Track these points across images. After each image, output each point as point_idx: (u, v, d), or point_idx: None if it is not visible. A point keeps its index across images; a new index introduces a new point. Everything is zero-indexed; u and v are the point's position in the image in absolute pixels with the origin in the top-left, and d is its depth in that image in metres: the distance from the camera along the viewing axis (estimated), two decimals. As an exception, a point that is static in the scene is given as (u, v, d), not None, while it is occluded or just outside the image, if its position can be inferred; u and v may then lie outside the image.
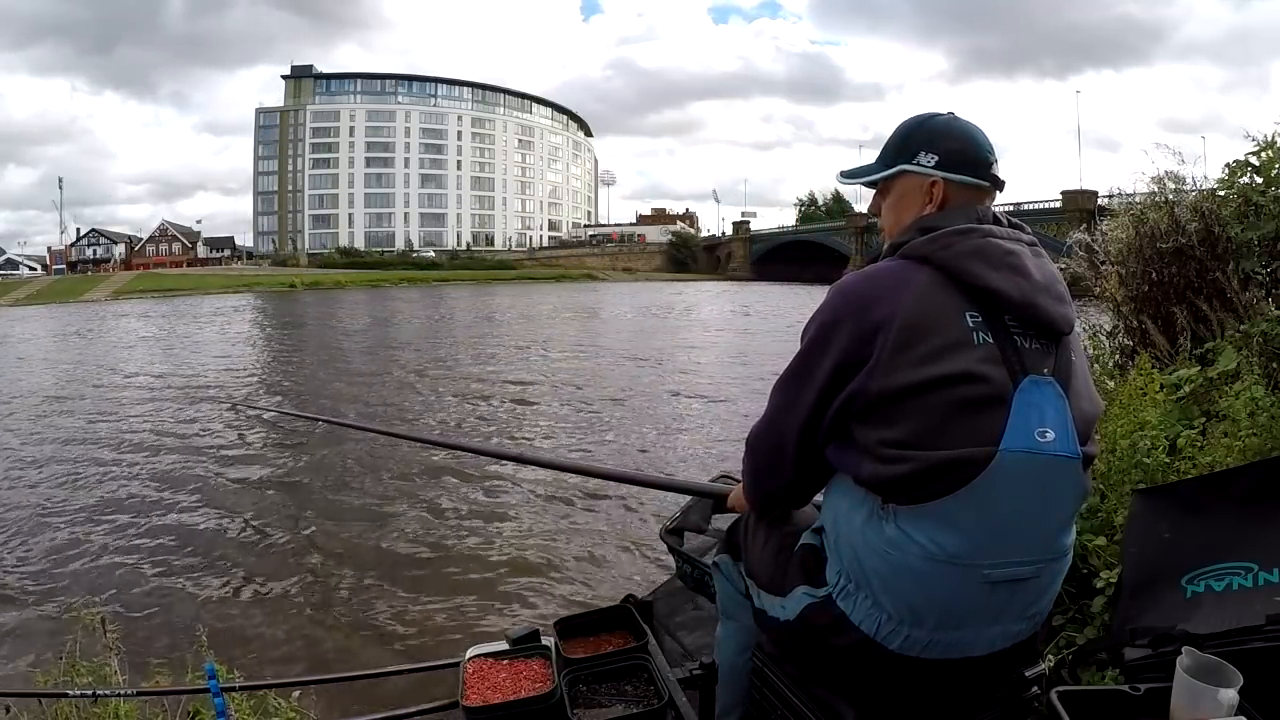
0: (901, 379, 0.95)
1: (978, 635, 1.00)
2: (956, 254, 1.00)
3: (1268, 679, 1.01)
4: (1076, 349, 1.05)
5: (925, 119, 1.13)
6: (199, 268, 72.79)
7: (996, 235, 1.03)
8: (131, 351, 19.55)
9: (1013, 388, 0.95)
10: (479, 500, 6.34)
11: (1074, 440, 0.98)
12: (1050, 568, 1.02)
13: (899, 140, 1.13)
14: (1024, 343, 0.98)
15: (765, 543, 1.22)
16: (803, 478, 1.12)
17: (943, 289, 0.99)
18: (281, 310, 35.85)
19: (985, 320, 0.98)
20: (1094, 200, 41.53)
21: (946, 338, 0.95)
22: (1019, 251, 1.02)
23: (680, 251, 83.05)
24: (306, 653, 3.92)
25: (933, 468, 0.93)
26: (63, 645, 2.59)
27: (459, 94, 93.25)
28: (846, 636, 1.03)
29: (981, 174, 1.08)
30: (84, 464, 7.81)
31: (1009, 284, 0.98)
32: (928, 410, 0.94)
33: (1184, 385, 2.12)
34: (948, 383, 0.94)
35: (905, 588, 0.97)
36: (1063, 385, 0.99)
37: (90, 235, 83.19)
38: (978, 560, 0.95)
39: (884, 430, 0.96)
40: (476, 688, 1.37)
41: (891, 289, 0.99)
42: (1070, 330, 1.02)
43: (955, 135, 1.09)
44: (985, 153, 1.09)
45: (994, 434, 0.94)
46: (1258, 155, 2.35)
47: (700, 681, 1.39)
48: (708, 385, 12.14)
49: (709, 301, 36.01)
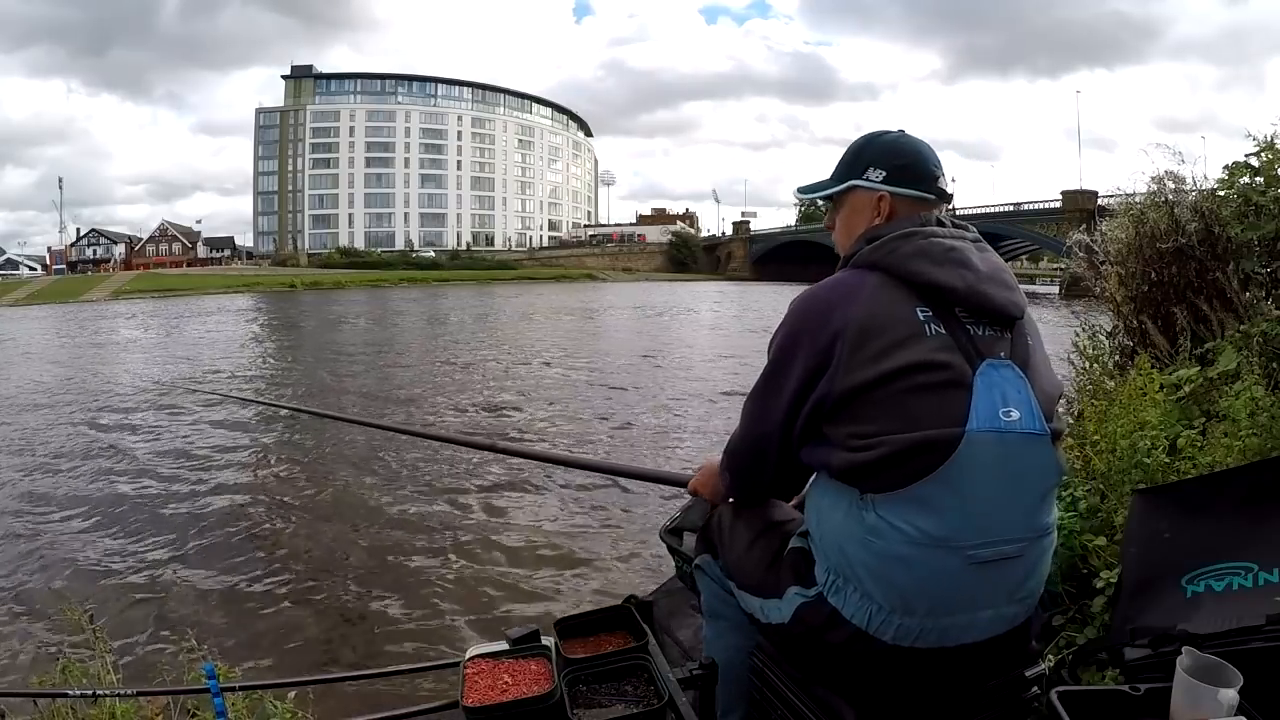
0: (862, 376, 1.00)
1: (971, 620, 1.01)
2: (901, 256, 1.05)
3: (1268, 679, 1.01)
4: (1032, 333, 1.09)
5: (874, 137, 1.20)
6: (199, 268, 72.80)
7: (938, 235, 1.08)
8: (129, 351, 19.55)
9: (972, 372, 1.00)
10: (478, 500, 6.34)
11: (1039, 418, 1.02)
12: (1035, 546, 1.04)
13: (850, 158, 1.19)
14: (977, 330, 1.03)
15: (750, 546, 1.25)
16: (783, 479, 1.19)
17: (892, 290, 1.04)
18: (282, 310, 35.85)
19: (936, 314, 1.03)
20: (1094, 200, 41.56)
21: (899, 333, 1.01)
22: (962, 247, 1.08)
23: (680, 252, 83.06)
24: (306, 653, 3.91)
25: (903, 451, 0.97)
26: (60, 645, 2.59)
27: (459, 94, 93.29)
28: (840, 632, 1.04)
29: (927, 187, 1.14)
30: (82, 464, 7.81)
31: (954, 277, 1.04)
32: (891, 400, 0.99)
33: (1184, 385, 2.12)
34: (906, 372, 0.99)
35: (892, 575, 0.99)
36: (1021, 367, 1.03)
37: (90, 235, 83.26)
38: (960, 541, 0.98)
39: (853, 425, 1.01)
40: (476, 688, 1.37)
41: (844, 297, 1.05)
42: (1021, 315, 1.07)
43: (902, 152, 1.16)
44: (931, 167, 1.15)
45: (959, 416, 0.98)
46: (1257, 156, 2.35)
47: (700, 681, 1.39)
48: (705, 384, 12.14)
49: (708, 302, 36.06)
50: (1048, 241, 47.82)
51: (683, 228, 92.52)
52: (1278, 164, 2.31)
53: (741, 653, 1.33)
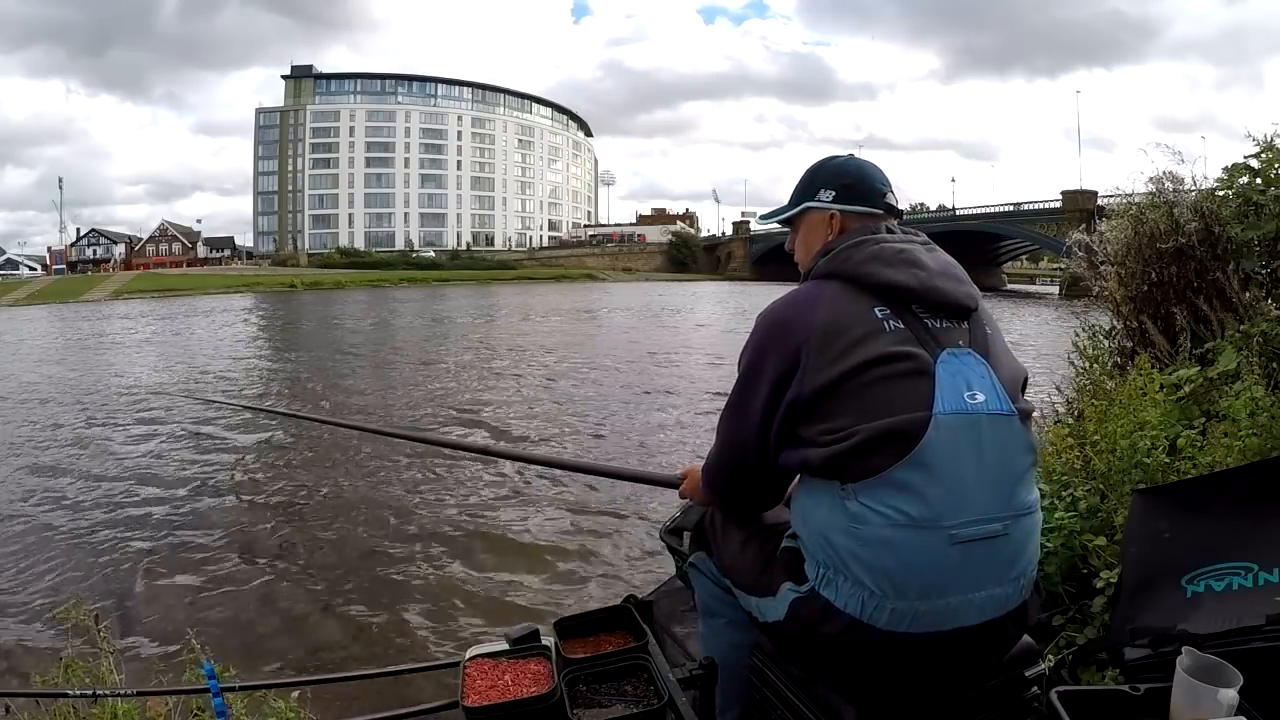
0: (829, 374, 1.05)
1: (965, 602, 1.02)
2: (855, 262, 1.13)
3: (1268, 679, 1.01)
4: (990, 322, 1.15)
5: (825, 161, 1.29)
6: (199, 268, 72.75)
7: (888, 240, 1.16)
8: (128, 352, 19.54)
9: (933, 361, 1.05)
10: (478, 501, 6.34)
11: (1005, 399, 1.07)
12: (1019, 525, 1.06)
13: (803, 183, 1.29)
14: (934, 323, 1.09)
15: (744, 545, 1.28)
16: (764, 489, 1.24)
17: (849, 294, 1.11)
18: (282, 311, 35.86)
19: (894, 311, 1.09)
20: (1094, 200, 41.61)
21: (860, 331, 1.07)
22: (911, 249, 1.15)
23: (680, 252, 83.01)
24: (306, 653, 3.91)
25: (876, 438, 1.01)
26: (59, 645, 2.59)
27: (459, 94, 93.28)
28: (835, 623, 1.05)
29: (874, 203, 1.23)
30: (81, 464, 7.81)
31: (906, 276, 1.10)
32: (859, 393, 1.04)
33: (1184, 385, 2.12)
34: (870, 366, 1.04)
35: (879, 559, 1.01)
36: (982, 354, 1.09)
37: (90, 235, 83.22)
38: (941, 521, 1.00)
39: (825, 422, 1.06)
40: (476, 688, 1.37)
41: (806, 307, 1.12)
42: (975, 306, 1.14)
43: (849, 173, 1.26)
44: (877, 185, 1.25)
45: (924, 401, 1.03)
46: (1257, 156, 2.35)
47: (700, 681, 1.39)
48: (705, 385, 12.14)
49: (709, 303, 36.04)
50: (1048, 241, 47.83)
51: (683, 228, 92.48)
52: (1278, 164, 2.31)
53: (737, 650, 1.34)
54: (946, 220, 58.08)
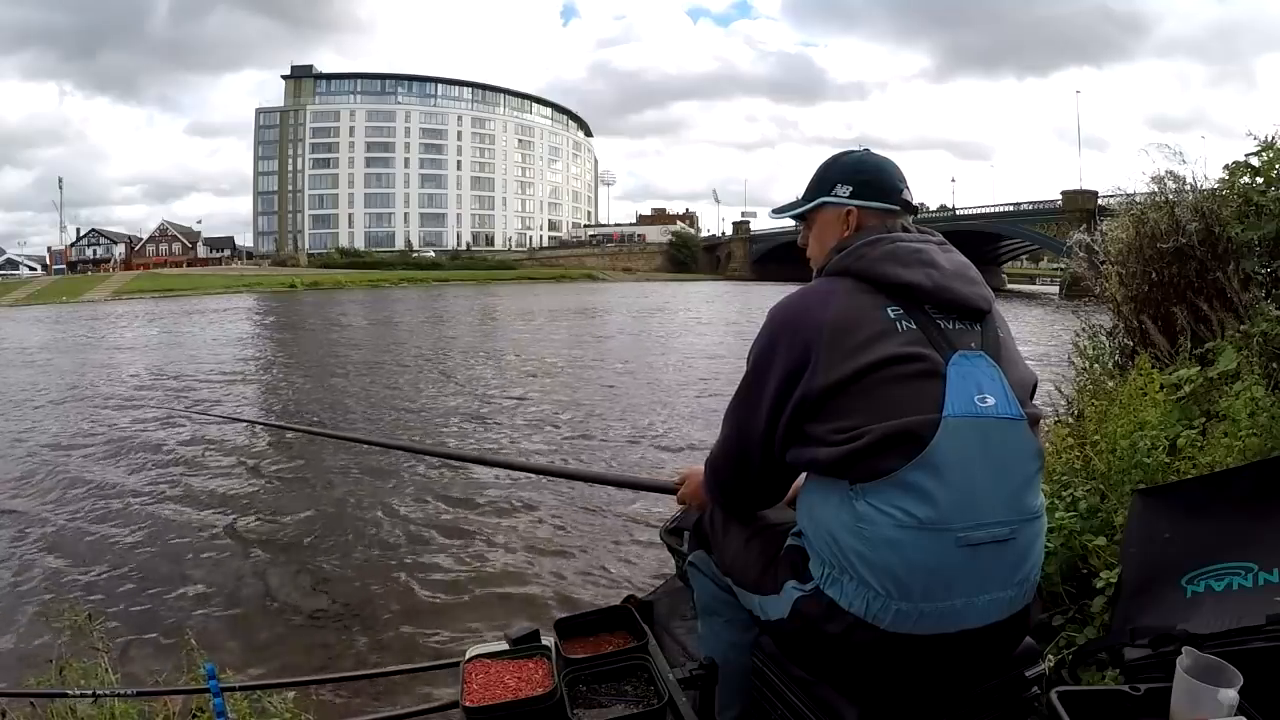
0: (839, 372, 1.04)
1: (969, 604, 1.02)
2: (870, 260, 1.12)
3: (1268, 679, 1.01)
4: (1002, 326, 1.15)
5: (840, 156, 1.28)
6: (199, 268, 72.70)
7: (904, 239, 1.15)
8: (127, 353, 19.53)
9: (944, 363, 1.04)
10: (478, 501, 6.33)
11: (1014, 403, 1.06)
12: (1026, 529, 1.05)
13: (818, 177, 1.27)
14: (947, 324, 1.09)
15: (747, 543, 1.27)
16: (767, 485, 1.23)
17: (862, 292, 1.10)
18: (282, 311, 35.84)
19: (906, 311, 1.08)
20: (1094, 200, 41.54)
21: (872, 330, 1.06)
22: (926, 249, 1.14)
23: (680, 252, 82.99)
24: (306, 653, 3.91)
25: (885, 438, 1.01)
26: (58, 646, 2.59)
27: (459, 94, 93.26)
28: (839, 622, 1.05)
29: (891, 199, 1.22)
30: (80, 464, 7.81)
31: (921, 276, 1.09)
32: (869, 393, 1.03)
33: (1184, 385, 2.12)
34: (881, 365, 1.03)
35: (885, 559, 1.01)
36: (993, 357, 1.08)
37: (90, 235, 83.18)
38: (948, 524, 0.99)
39: (835, 420, 1.05)
40: (476, 688, 1.37)
41: (817, 303, 1.11)
42: (989, 308, 1.13)
43: (868, 168, 1.24)
44: (895, 181, 1.23)
45: (935, 403, 1.02)
46: (1258, 156, 2.35)
47: (700, 681, 1.39)
48: (705, 384, 12.14)
49: (709, 304, 36.02)
50: (1048, 241, 47.79)
51: (683, 228, 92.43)
52: (1278, 164, 2.31)
53: (736, 649, 1.33)
54: (947, 220, 57.91)
